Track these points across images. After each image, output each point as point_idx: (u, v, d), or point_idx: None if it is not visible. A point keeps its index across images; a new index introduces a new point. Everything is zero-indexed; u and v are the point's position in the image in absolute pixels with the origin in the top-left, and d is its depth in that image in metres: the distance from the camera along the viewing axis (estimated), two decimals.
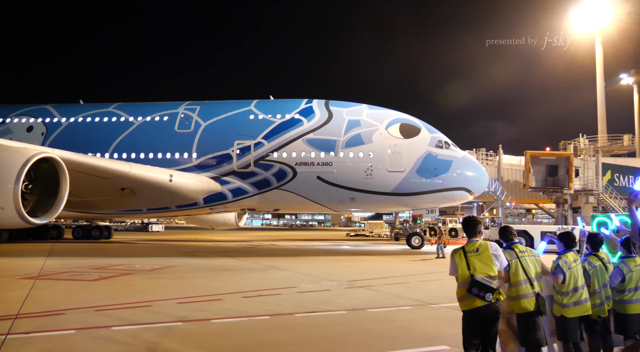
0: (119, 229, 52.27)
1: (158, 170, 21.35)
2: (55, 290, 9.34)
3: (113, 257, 16.78)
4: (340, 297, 8.97)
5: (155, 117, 23.44)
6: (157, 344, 5.49)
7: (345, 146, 20.97)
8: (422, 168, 20.62)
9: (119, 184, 20.56)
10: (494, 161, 33.91)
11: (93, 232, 28.42)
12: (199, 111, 23.20)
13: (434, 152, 20.89)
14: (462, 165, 21.14)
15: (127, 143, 22.92)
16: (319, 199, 21.55)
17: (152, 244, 26.14)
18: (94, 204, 22.43)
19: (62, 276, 11.25)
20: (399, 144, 20.82)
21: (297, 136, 21.42)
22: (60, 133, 23.85)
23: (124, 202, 22.06)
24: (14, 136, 23.47)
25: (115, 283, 10.37)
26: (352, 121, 21.53)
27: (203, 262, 15.34)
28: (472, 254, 4.28)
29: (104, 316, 6.91)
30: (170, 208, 22.77)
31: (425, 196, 20.82)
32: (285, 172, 21.15)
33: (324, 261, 17.42)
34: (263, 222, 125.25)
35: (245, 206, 22.77)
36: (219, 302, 8.16)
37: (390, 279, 11.77)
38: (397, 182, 20.60)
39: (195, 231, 43.14)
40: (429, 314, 7.62)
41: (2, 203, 14.60)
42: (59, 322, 6.49)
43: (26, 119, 24.63)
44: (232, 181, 21.70)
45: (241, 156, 21.57)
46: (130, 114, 23.82)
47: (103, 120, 23.91)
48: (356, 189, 20.89)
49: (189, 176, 21.63)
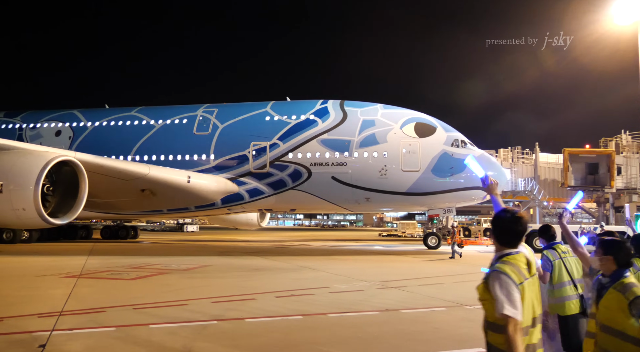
0: (156, 230, 53.62)
1: (176, 172, 21.82)
2: (96, 288, 9.68)
3: (150, 256, 17.23)
4: (373, 298, 8.94)
5: (175, 120, 24.02)
6: (193, 342, 5.61)
7: (360, 146, 20.96)
8: (438, 167, 20.41)
9: (139, 186, 21.13)
10: (530, 160, 32.98)
11: (120, 232, 29.33)
12: (216, 113, 23.65)
13: (449, 151, 20.65)
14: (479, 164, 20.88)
15: (149, 145, 23.58)
16: (334, 199, 21.59)
17: (184, 244, 26.70)
18: (116, 205, 23.15)
19: (102, 274, 11.65)
20: (414, 143, 20.68)
21: (312, 137, 21.54)
22: (86, 137, 24.74)
23: (145, 203, 22.66)
24: (44, 140, 24.58)
25: (152, 282, 10.66)
26: (366, 121, 21.52)
27: (236, 262, 15.57)
28: None
29: (143, 314, 7.11)
30: (190, 209, 23.29)
31: (441, 195, 20.60)
32: (301, 173, 21.30)
33: (356, 261, 17.38)
34: (295, 222, 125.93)
35: (262, 206, 23.00)
36: (253, 302, 8.27)
37: (424, 280, 11.63)
38: (412, 182, 20.45)
39: (228, 232, 43.78)
40: (463, 315, 7.50)
41: (24, 204, 15.33)
42: (100, 319, 6.72)
43: (55, 123, 25.65)
44: (249, 181, 22.00)
45: (257, 157, 21.85)
46: (151, 117, 24.50)
47: (126, 123, 24.63)
48: (371, 189, 20.84)
49: (206, 177, 22.05)
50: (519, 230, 2.68)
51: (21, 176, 15.55)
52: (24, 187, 15.37)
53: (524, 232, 2.69)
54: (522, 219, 2.70)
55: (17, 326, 6.26)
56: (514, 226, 2.68)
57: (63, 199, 16.97)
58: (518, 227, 2.68)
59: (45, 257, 16.65)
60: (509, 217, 2.72)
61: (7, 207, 15.46)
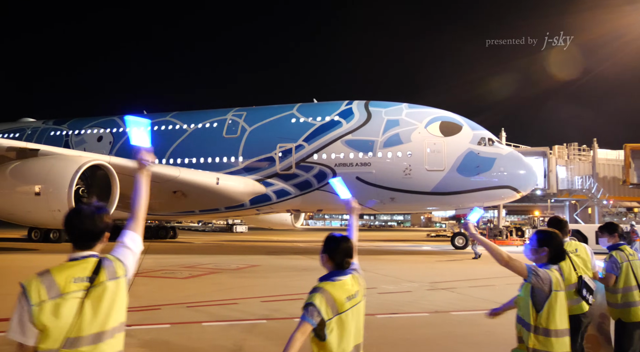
0: (207, 230, 55.14)
1: (206, 174, 22.42)
2: (151, 286, 10.08)
3: (201, 256, 17.76)
4: (422, 299, 8.81)
5: (206, 124, 24.77)
6: (243, 340, 5.73)
7: (384, 146, 20.84)
8: (463, 166, 20.00)
9: (171, 188, 21.88)
10: (588, 156, 31.34)
11: (160, 232, 30.39)
12: (245, 117, 24.18)
13: (475, 149, 20.21)
14: (507, 162, 20.27)
15: (181, 149, 24.43)
16: (359, 200, 21.04)
17: (231, 244, 27.29)
18: (152, 206, 23.71)
19: (157, 273, 12.11)
20: (439, 142, 20.38)
21: (336, 138, 21.61)
22: (125, 142, 25.80)
23: (178, 204, 23.41)
24: (87, 146, 26.04)
25: (204, 281, 10.98)
26: (390, 121, 21.40)
27: (284, 262, 15.77)
28: (573, 254, 4.02)
29: (195, 312, 7.35)
30: (220, 209, 23.79)
31: (467, 195, 20.17)
32: (325, 173, 21.43)
33: (404, 261, 17.18)
34: (342, 223, 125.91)
35: (289, 206, 23.22)
36: (301, 302, 8.29)
37: (475, 281, 11.34)
38: (437, 182, 20.13)
39: (276, 232, 44.37)
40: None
41: (59, 206, 16.29)
42: (156, 316, 7.00)
43: (97, 129, 27.01)
44: (276, 182, 22.32)
45: (283, 159, 22.12)
46: (184, 121, 25.38)
47: (161, 128, 25.59)
48: (395, 188, 20.67)
49: (235, 179, 22.55)
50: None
51: (56, 180, 16.57)
52: (59, 190, 16.35)
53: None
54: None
55: None
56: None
57: (99, 201, 17.79)
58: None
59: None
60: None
61: (45, 208, 16.56)
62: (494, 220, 36.09)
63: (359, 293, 2.66)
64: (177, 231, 33.09)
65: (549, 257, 3.11)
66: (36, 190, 16.58)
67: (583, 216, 30.82)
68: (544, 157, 29.31)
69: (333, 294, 2.52)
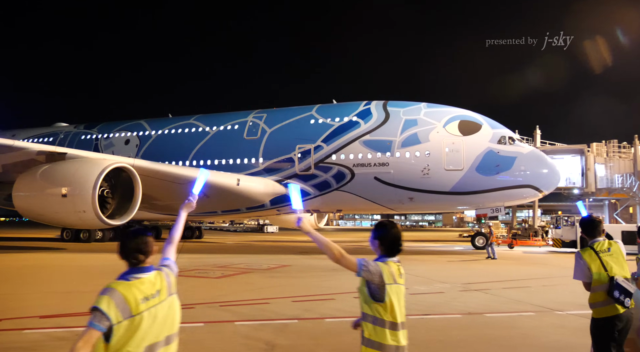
0: (238, 230, 55.87)
1: (227, 175, 22.75)
2: (186, 286, 10.27)
3: (233, 256, 18.00)
4: (455, 300, 8.68)
5: (228, 126, 25.22)
6: (275, 339, 5.79)
7: (402, 146, 20.76)
8: (482, 166, 19.72)
9: None
10: (629, 153, 30.15)
11: (186, 232, 30.80)
12: (265, 119, 24.48)
13: (495, 148, 19.92)
14: (528, 161, 19.87)
15: (204, 151, 24.93)
16: (378, 199, 21.54)
17: (262, 244, 27.54)
18: (176, 206, 24.26)
19: (191, 273, 12.36)
20: (457, 141, 20.19)
21: (354, 138, 21.64)
22: (150, 144, 26.64)
23: (200, 205, 23.31)
24: (115, 149, 26.96)
25: (236, 281, 11.14)
26: (408, 121, 21.29)
27: (315, 262, 15.81)
28: (605, 253, 3.87)
29: (228, 311, 7.46)
30: (241, 210, 24.17)
31: (486, 194, 19.90)
32: (344, 174, 21.51)
33: (436, 262, 16.96)
34: (372, 222, 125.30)
35: (309, 207, 23.32)
36: (332, 302, 8.36)
37: (509, 283, 11.09)
38: (456, 181, 19.92)
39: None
40: (554, 321, 7.04)
41: (84, 207, 17.10)
42: (190, 315, 7.14)
43: (124, 133, 27.85)
44: (295, 183, 22.54)
45: (302, 159, 22.28)
46: (206, 124, 25.89)
47: (184, 131, 26.22)
48: (414, 188, 20.58)
49: (255, 180, 22.86)
50: None
51: (81, 182, 17.32)
52: (84, 192, 17.12)
53: None
54: None
55: None
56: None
57: (121, 202, 18.78)
58: None
59: None
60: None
61: (71, 209, 17.36)
62: (529, 220, 35.22)
63: (161, 292, 2.54)
64: (207, 231, 33.71)
65: (383, 250, 3.15)
66: (63, 192, 17.34)
67: (624, 216, 29.68)
68: (581, 155, 28.40)
69: (125, 295, 2.38)
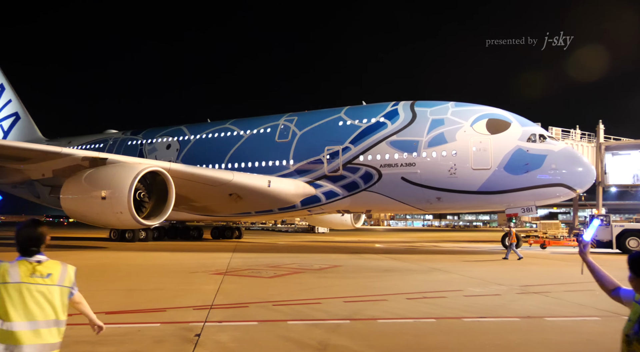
0: (290, 231, 56.56)
1: (258, 177, 23.54)
2: (239, 285, 10.54)
3: (285, 256, 18.24)
4: (512, 303, 8.37)
5: (260, 129, 25.98)
6: (327, 339, 5.81)
7: (428, 146, 20.70)
8: (511, 164, 19.32)
9: (227, 191, 23.34)
10: None
11: (226, 232, 31.76)
12: (296, 121, 25.09)
13: (524, 146, 19.47)
14: (559, 159, 19.23)
15: (238, 154, 25.82)
16: (406, 200, 21.52)
17: (312, 245, 27.69)
18: (212, 207, 25.71)
19: (244, 272, 12.64)
20: (485, 140, 19.90)
21: (381, 139, 21.80)
22: (189, 148, 27.82)
23: (235, 206, 24.73)
24: (158, 153, 28.53)
25: (288, 281, 11.28)
26: (435, 120, 21.20)
27: (366, 263, 15.75)
28: None
29: (280, 311, 7.57)
30: (274, 211, 24.85)
31: (516, 193, 19.44)
32: (371, 175, 21.73)
33: (492, 263, 16.44)
34: (424, 223, 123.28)
35: (339, 207, 23.77)
36: (384, 303, 8.29)
37: (571, 285, 10.57)
38: (483, 180, 19.63)
39: (355, 233, 44.43)
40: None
41: (121, 209, 18.35)
42: (244, 314, 7.32)
43: (166, 138, 29.25)
44: (324, 184, 23.02)
45: (331, 161, 22.72)
46: (241, 128, 26.78)
47: (221, 135, 27.24)
48: (441, 188, 20.47)
49: (285, 181, 23.46)
50: None
51: (118, 185, 18.64)
52: (121, 194, 18.40)
53: None
54: None
55: (177, 316, 7.11)
56: None
57: (157, 204, 20.02)
58: None
59: (199, 254, 18.59)
60: None
61: (110, 211, 18.64)
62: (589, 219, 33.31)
63: None
64: (259, 231, 34.38)
65: (18, 249, 3.08)
66: (103, 195, 18.75)
67: None
68: None
69: None
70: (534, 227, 59.69)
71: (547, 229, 43.81)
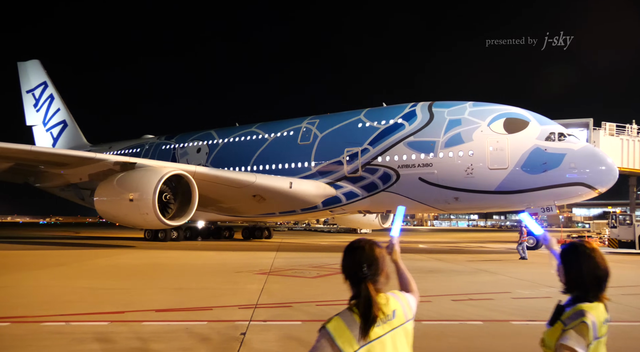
0: (332, 231, 56.65)
1: (280, 179, 24.07)
2: (283, 285, 10.67)
3: (327, 256, 18.29)
4: None
5: (284, 132, 26.54)
6: None
7: (445, 146, 20.66)
8: (528, 164, 18.99)
9: (250, 192, 24.07)
10: None
11: (256, 232, 32.39)
12: (317, 124, 25.51)
13: (542, 145, 19.06)
14: (579, 158, 18.65)
15: (263, 156, 26.48)
16: (424, 200, 21.51)
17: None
18: (238, 208, 26.44)
19: (288, 272, 12.78)
20: (502, 140, 19.66)
21: (399, 140, 21.99)
22: (218, 152, 28.70)
23: (259, 207, 25.39)
24: (189, 157, 29.62)
25: (331, 281, 11.30)
26: (452, 121, 21.09)
27: (409, 263, 15.48)
28: None
29: (324, 312, 7.59)
30: (297, 211, 25.31)
31: (534, 193, 19.07)
32: (389, 175, 21.90)
33: (541, 265, 15.86)
34: (469, 223, 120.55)
35: (359, 208, 24.06)
36: (428, 304, 8.17)
37: (629, 288, 10.06)
38: (500, 180, 19.39)
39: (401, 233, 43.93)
40: None
41: (147, 210, 19.41)
42: (288, 313, 7.40)
43: (197, 142, 30.23)
44: (344, 185, 23.36)
45: (350, 162, 23.05)
46: (265, 131, 27.40)
47: (247, 138, 27.92)
48: (458, 188, 20.38)
49: (307, 183, 23.92)
50: None
51: (144, 188, 19.66)
52: (147, 196, 19.48)
53: None
54: None
55: (223, 315, 7.28)
56: None
57: (182, 206, 21.01)
58: None
59: (243, 253, 18.94)
60: None
61: (137, 212, 19.72)
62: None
63: None
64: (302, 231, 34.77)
65: None
66: (130, 197, 19.86)
67: None
68: None
69: None
70: (587, 227, 57.10)
71: (600, 229, 41.88)
